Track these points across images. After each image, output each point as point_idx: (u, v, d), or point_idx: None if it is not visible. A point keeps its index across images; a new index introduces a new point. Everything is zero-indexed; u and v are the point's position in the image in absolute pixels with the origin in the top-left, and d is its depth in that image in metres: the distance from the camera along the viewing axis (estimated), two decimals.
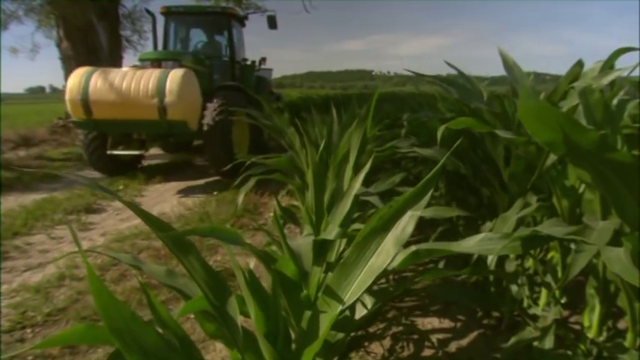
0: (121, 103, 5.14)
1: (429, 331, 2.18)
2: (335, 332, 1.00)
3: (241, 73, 7.65)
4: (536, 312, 1.80)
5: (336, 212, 1.15)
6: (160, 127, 5.33)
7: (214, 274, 0.84)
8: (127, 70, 5.43)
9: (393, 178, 1.90)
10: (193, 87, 5.42)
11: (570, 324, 2.05)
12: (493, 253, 0.92)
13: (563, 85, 1.91)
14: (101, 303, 0.65)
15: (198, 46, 7.86)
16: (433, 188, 0.77)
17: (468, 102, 1.78)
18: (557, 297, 1.53)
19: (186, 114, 5.29)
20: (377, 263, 0.77)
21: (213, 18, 7.62)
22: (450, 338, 2.13)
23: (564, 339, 1.59)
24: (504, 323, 2.04)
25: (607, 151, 0.87)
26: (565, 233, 0.97)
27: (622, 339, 1.39)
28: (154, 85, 5.14)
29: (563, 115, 0.86)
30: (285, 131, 2.34)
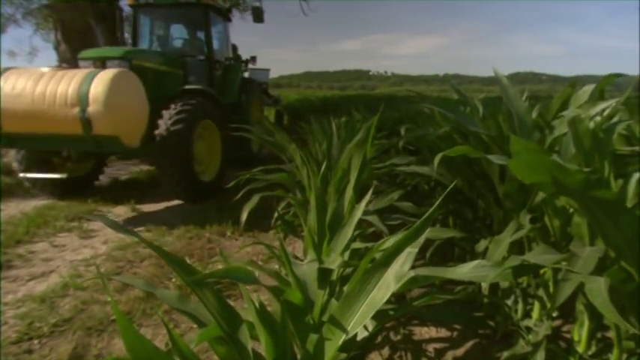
0: (35, 114, 4.01)
1: (426, 341, 2.25)
2: (338, 353, 1.06)
3: (225, 75, 6.84)
4: (529, 324, 1.87)
5: (338, 239, 1.21)
6: (85, 144, 4.19)
7: (226, 304, 0.91)
8: (45, 71, 4.27)
9: (391, 195, 1.97)
10: (131, 93, 4.33)
11: (563, 333, 2.13)
12: (486, 281, 0.99)
13: (555, 104, 1.99)
14: (128, 339, 0.71)
15: (175, 43, 6.96)
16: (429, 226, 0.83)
17: (464, 125, 1.85)
18: (549, 312, 1.59)
19: (119, 127, 4.13)
20: (378, 296, 0.83)
21: (186, 10, 6.54)
22: (446, 348, 2.20)
23: (555, 353, 1.67)
24: (499, 334, 2.11)
25: (592, 189, 0.94)
26: (552, 262, 1.04)
27: (610, 354, 1.46)
28: (74, 90, 3.99)
29: (552, 161, 0.93)
30: (286, 147, 2.39)
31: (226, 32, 7.41)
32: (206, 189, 4.93)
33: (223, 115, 5.44)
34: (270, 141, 2.67)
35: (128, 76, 4.36)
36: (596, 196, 0.95)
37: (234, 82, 6.81)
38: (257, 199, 2.09)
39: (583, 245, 1.15)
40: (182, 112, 4.54)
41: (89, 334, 2.29)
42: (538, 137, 1.78)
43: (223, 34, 7.25)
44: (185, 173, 4.50)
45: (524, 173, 0.97)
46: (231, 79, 6.83)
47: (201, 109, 4.82)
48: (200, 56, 6.44)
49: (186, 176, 4.51)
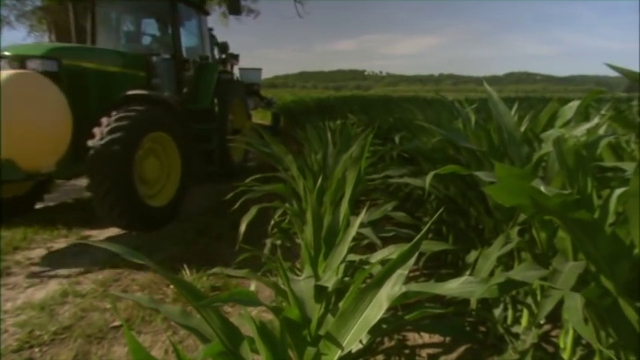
0: None
1: (419, 346, 2.31)
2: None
3: (198, 76, 6.02)
4: (519, 331, 1.94)
5: (334, 256, 1.27)
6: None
7: (227, 321, 0.96)
8: None
9: (385, 207, 2.03)
10: (35, 101, 3.46)
11: (552, 337, 2.20)
12: (473, 297, 1.05)
13: (543, 118, 2.06)
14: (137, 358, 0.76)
15: (140, 40, 6.22)
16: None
17: (455, 141, 1.91)
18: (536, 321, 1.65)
19: (12, 148, 3.30)
20: (371, 314, 0.89)
21: (150, 3, 5.75)
22: (439, 353, 2.27)
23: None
24: (490, 338, 2.18)
25: (570, 211, 1.00)
26: (536, 278, 1.11)
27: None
28: None
29: (530, 187, 0.99)
30: (282, 158, 2.45)
31: (202, 27, 6.49)
32: (156, 216, 4.10)
33: (185, 126, 4.60)
34: (267, 151, 2.73)
35: (31, 81, 3.49)
36: (573, 217, 1.01)
37: (208, 84, 5.97)
38: (255, 211, 2.14)
39: (566, 260, 1.22)
40: (123, 120, 3.73)
41: (89, 341, 2.33)
42: (527, 151, 1.85)
43: (197, 29, 6.38)
44: (123, 194, 3.64)
45: (503, 198, 1.03)
46: (204, 81, 6.00)
47: (148, 119, 3.98)
48: (165, 54, 5.60)
49: (125, 198, 3.66)
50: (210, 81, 5.98)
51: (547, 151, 1.57)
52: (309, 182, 2.08)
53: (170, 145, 4.32)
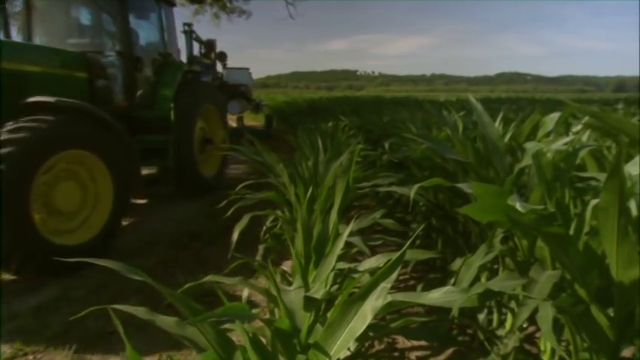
0: None
1: (408, 349, 2.38)
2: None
3: (159, 77, 5.16)
4: (502, 334, 2.01)
5: (323, 266, 1.33)
6: None
7: (221, 332, 1.02)
8: None
9: (373, 215, 2.10)
10: None
11: (536, 339, 2.28)
12: (454, 306, 1.11)
13: (526, 128, 2.14)
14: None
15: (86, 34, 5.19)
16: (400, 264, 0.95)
17: (441, 154, 1.98)
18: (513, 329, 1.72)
19: None
20: (357, 326, 0.95)
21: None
22: (427, 355, 2.34)
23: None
24: (476, 341, 2.25)
25: (543, 226, 1.07)
26: (513, 288, 1.17)
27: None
28: None
29: (505, 205, 1.05)
30: (274, 167, 2.50)
31: (163, 20, 5.50)
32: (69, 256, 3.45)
33: (121, 141, 3.75)
34: (258, 159, 2.78)
35: None
36: (548, 231, 1.08)
37: (167, 86, 5.02)
38: (247, 220, 2.19)
39: (544, 269, 1.29)
40: (18, 132, 2.94)
41: (84, 347, 2.36)
42: (510, 161, 1.92)
43: (157, 22, 5.43)
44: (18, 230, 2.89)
45: (480, 215, 1.10)
46: (163, 83, 5.06)
47: (57, 133, 3.16)
48: (113, 52, 4.79)
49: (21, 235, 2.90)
50: (170, 83, 5.05)
51: (527, 163, 1.64)
52: (300, 190, 2.13)
53: (97, 167, 3.48)
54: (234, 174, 7.31)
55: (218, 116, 6.21)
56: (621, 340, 1.23)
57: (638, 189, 1.24)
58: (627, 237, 1.09)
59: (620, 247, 1.14)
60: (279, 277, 1.91)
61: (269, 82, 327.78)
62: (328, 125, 7.27)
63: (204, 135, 5.88)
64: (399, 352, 2.35)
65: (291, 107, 16.58)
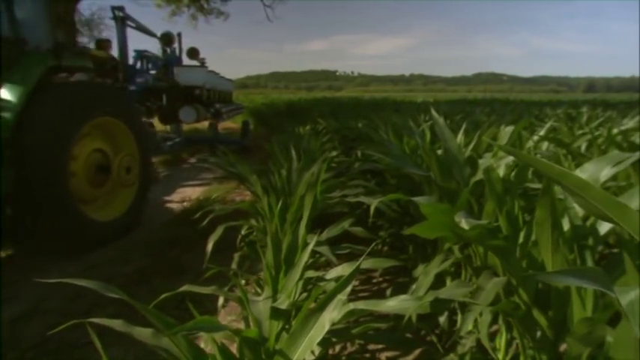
0: None
1: (379, 350, 2.49)
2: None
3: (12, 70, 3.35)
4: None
5: (289, 278, 1.43)
6: None
7: (193, 344, 1.10)
8: None
9: (342, 224, 2.20)
10: None
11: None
12: (408, 313, 1.22)
13: (485, 140, 2.28)
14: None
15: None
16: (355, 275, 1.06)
17: (402, 167, 2.10)
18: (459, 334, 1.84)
19: None
20: (316, 334, 1.06)
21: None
22: (397, 355, 2.46)
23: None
24: (442, 341, 2.39)
25: (486, 239, 1.19)
26: (462, 295, 1.29)
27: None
28: None
29: (451, 222, 1.17)
30: (248, 178, 2.58)
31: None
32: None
33: None
34: (233, 171, 2.85)
35: None
36: (491, 244, 1.20)
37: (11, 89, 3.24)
38: (221, 231, 2.27)
39: (491, 276, 1.41)
40: None
41: (61, 359, 2.38)
42: (469, 172, 2.05)
43: None
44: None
45: (427, 233, 1.21)
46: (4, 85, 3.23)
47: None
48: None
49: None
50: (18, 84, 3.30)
51: (480, 177, 1.77)
52: (273, 201, 2.22)
53: None
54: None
55: (128, 134, 4.29)
56: (559, 339, 1.36)
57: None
58: (559, 248, 1.22)
59: (555, 257, 1.28)
60: (253, 285, 2.00)
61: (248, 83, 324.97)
62: (306, 129, 7.36)
63: (101, 161, 3.97)
64: (370, 353, 2.47)
65: (270, 109, 16.62)
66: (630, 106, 11.80)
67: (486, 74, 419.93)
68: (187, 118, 7.72)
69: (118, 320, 1.28)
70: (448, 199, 2.06)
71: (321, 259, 2.07)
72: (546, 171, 0.77)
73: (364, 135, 4.50)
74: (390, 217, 2.98)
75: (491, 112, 9.45)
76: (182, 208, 5.28)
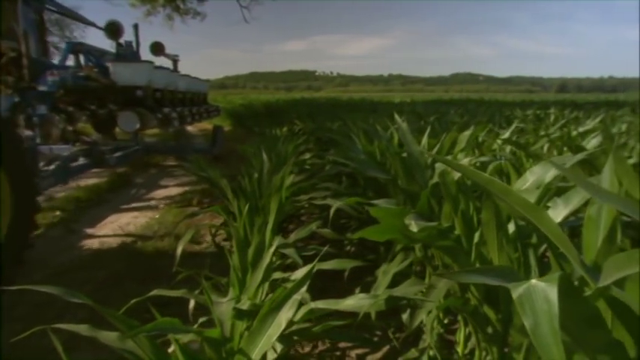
0: None
1: (349, 348, 2.57)
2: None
3: None
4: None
5: (252, 280, 1.49)
6: None
7: (156, 345, 1.15)
8: None
9: (310, 226, 2.27)
10: None
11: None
12: (362, 310, 1.30)
13: (446, 144, 2.38)
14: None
15: None
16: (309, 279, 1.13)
17: (364, 171, 2.18)
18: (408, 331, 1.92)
19: None
20: (273, 333, 1.12)
21: None
22: (367, 353, 2.54)
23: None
24: (410, 338, 2.48)
25: (435, 240, 1.27)
26: (414, 293, 1.37)
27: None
28: None
29: (400, 225, 1.25)
30: (218, 183, 2.62)
31: None
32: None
33: None
34: (204, 175, 2.88)
35: None
36: (440, 244, 1.29)
37: None
38: (190, 235, 2.30)
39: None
40: None
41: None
42: (430, 175, 2.15)
43: None
44: None
45: (377, 236, 1.29)
46: None
47: None
48: None
49: None
50: None
51: (436, 181, 1.86)
52: (242, 204, 2.27)
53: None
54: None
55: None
56: (507, 332, 1.46)
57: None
58: (503, 247, 1.31)
59: (500, 255, 1.37)
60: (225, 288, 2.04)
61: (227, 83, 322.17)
62: (283, 130, 7.41)
63: None
64: (340, 351, 2.55)
65: (249, 110, 16.59)
66: (597, 106, 12.26)
67: (463, 74, 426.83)
68: (127, 126, 6.19)
69: (83, 325, 1.31)
70: (411, 201, 2.15)
71: (286, 261, 2.13)
72: (474, 178, 0.86)
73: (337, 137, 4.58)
74: (359, 218, 3.06)
75: (464, 112, 9.69)
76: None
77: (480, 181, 0.85)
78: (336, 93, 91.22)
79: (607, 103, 15.55)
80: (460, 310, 1.40)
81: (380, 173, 2.14)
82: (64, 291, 1.12)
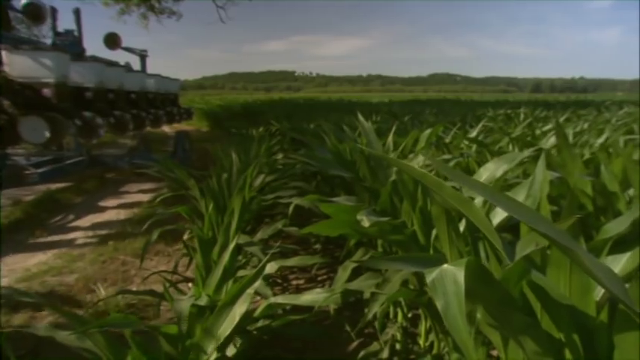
0: None
1: (319, 344, 2.62)
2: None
3: None
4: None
5: (212, 278, 1.52)
6: None
7: (111, 341, 1.17)
8: None
9: (275, 225, 2.30)
10: None
11: None
12: (318, 304, 1.34)
13: (409, 143, 2.45)
14: None
15: None
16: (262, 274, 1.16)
17: (327, 170, 2.23)
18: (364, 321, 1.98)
19: None
20: (227, 327, 1.15)
21: None
22: (337, 348, 2.59)
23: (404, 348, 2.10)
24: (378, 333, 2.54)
25: (386, 235, 1.32)
26: (370, 286, 1.43)
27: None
28: None
29: (352, 220, 1.30)
30: (186, 184, 2.63)
31: None
32: None
33: None
34: (172, 176, 2.88)
35: None
36: (393, 239, 1.34)
37: None
38: (157, 234, 2.31)
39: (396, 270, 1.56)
40: None
41: None
42: (391, 172, 2.21)
43: None
44: None
45: (328, 231, 1.34)
46: None
47: None
48: None
49: None
50: None
51: (394, 178, 1.93)
52: (210, 204, 2.29)
53: None
54: None
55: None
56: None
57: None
58: (453, 240, 1.37)
59: (452, 249, 1.43)
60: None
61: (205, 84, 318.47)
62: (259, 131, 7.41)
63: None
64: (311, 346, 2.59)
65: (226, 111, 16.49)
66: (566, 106, 12.66)
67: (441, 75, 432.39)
68: (33, 137, 4.62)
69: (41, 325, 1.32)
70: (375, 199, 2.20)
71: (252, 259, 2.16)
72: (409, 172, 0.91)
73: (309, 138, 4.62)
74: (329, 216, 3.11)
75: (439, 112, 9.87)
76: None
77: (415, 175, 0.90)
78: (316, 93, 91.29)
79: (576, 102, 16.06)
80: (415, 302, 1.46)
81: (342, 172, 2.19)
82: (12, 291, 1.12)
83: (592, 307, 0.84)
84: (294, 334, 1.87)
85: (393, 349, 2.00)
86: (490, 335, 1.10)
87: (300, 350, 2.49)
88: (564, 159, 2.19)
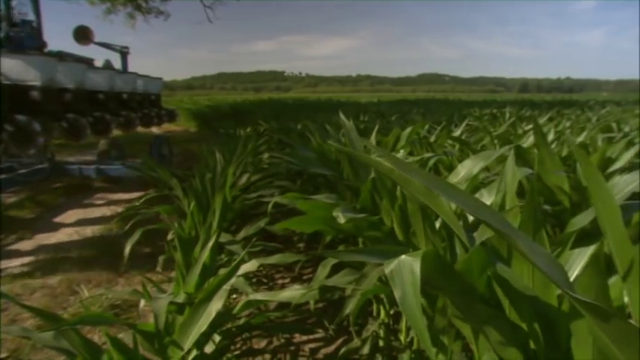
0: None
1: (303, 342, 2.63)
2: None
3: None
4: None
5: (190, 276, 1.52)
6: None
7: (86, 339, 1.17)
8: None
9: (258, 223, 2.31)
10: None
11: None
12: (296, 301, 1.36)
13: (390, 141, 2.48)
14: None
15: None
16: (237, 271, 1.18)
17: (307, 169, 2.25)
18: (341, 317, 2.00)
19: None
20: (203, 323, 1.16)
21: None
22: (320, 347, 2.61)
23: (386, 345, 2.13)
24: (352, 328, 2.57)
25: (361, 231, 1.34)
26: (348, 282, 1.44)
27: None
28: None
29: (327, 217, 1.32)
30: (169, 183, 2.63)
31: None
32: None
33: None
34: (154, 175, 2.88)
35: None
36: (368, 235, 1.36)
37: None
38: (138, 235, 2.31)
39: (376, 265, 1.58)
40: None
41: None
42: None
43: None
44: None
45: (303, 227, 1.36)
46: None
47: None
48: None
49: None
50: None
51: (373, 176, 1.95)
52: (192, 203, 2.30)
53: None
54: None
55: None
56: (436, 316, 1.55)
57: None
58: (429, 236, 1.40)
59: (427, 245, 1.46)
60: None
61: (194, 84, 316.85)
62: (247, 131, 7.41)
63: None
64: (295, 345, 2.61)
65: (215, 111, 16.42)
66: (551, 105, 12.85)
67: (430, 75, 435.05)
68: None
69: (16, 327, 1.31)
70: (357, 197, 2.22)
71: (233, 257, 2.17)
72: (377, 168, 0.93)
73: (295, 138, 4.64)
74: None
75: (426, 111, 9.96)
76: None
77: (384, 171, 0.92)
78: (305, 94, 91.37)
79: (562, 102, 16.30)
80: (393, 298, 1.48)
81: (324, 170, 2.21)
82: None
83: (553, 297, 0.86)
84: (275, 330, 1.88)
85: (375, 346, 2.02)
86: (461, 327, 1.13)
87: (282, 347, 2.51)
88: (542, 156, 2.24)
